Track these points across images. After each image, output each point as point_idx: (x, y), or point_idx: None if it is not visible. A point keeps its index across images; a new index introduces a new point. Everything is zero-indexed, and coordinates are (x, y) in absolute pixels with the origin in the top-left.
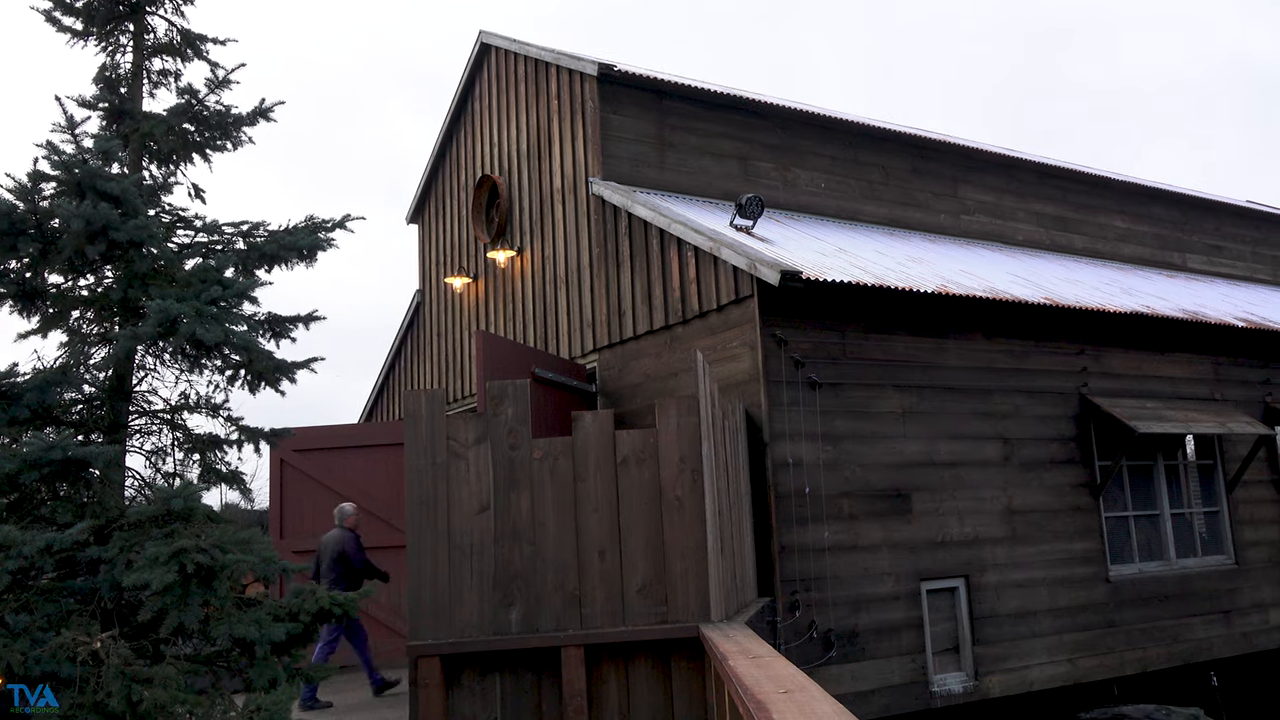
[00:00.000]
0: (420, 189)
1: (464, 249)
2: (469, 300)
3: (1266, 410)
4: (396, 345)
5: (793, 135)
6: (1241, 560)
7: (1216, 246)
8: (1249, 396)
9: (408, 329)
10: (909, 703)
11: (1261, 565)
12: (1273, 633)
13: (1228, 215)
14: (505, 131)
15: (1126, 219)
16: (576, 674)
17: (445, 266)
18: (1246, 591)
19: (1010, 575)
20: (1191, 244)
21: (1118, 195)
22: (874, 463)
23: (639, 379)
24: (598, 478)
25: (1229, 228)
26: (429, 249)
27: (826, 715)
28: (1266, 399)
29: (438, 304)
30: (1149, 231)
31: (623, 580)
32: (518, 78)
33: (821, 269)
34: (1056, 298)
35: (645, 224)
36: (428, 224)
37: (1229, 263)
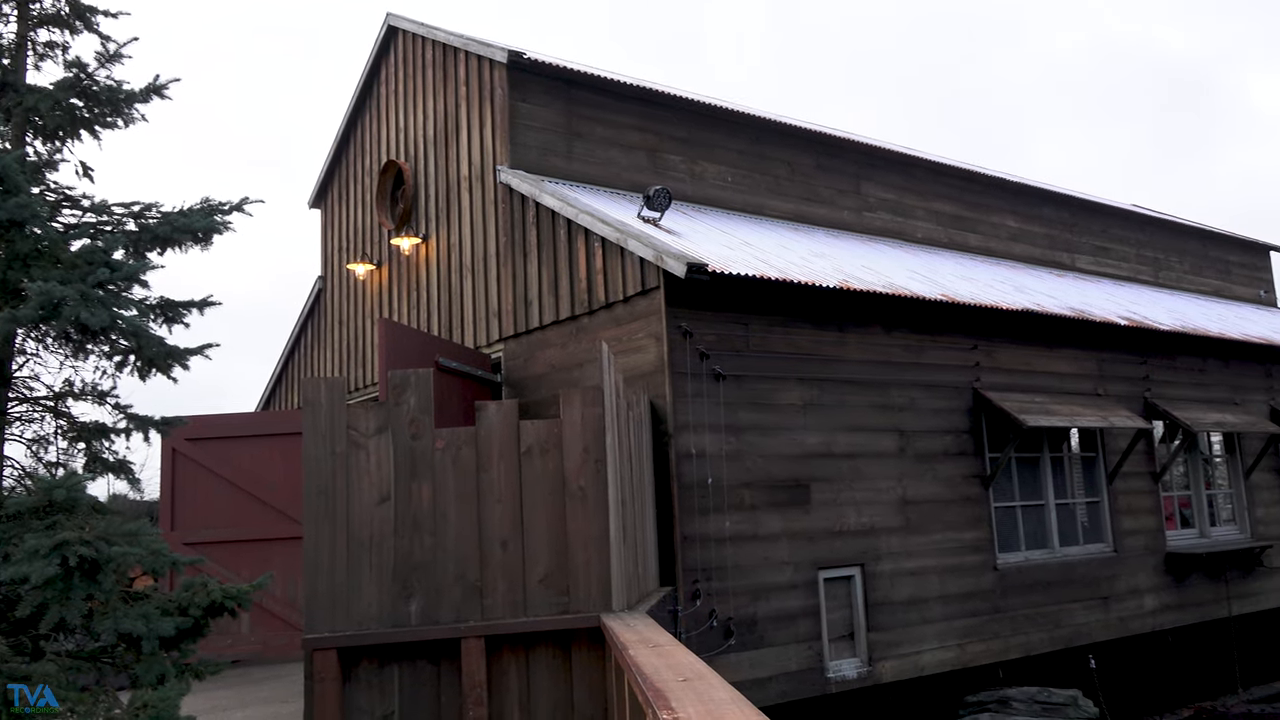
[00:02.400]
0: (323, 173)
1: (367, 235)
2: (372, 287)
3: (1146, 405)
4: (296, 332)
5: (701, 129)
6: (1120, 548)
7: (1103, 248)
8: (1130, 392)
9: (308, 316)
10: (805, 689)
11: (1138, 553)
12: (1146, 617)
13: (1114, 218)
14: (412, 117)
15: (1019, 219)
16: (477, 665)
17: (348, 252)
18: (1124, 578)
19: (904, 564)
20: (1080, 244)
21: (1011, 196)
22: (775, 454)
23: (544, 369)
24: (501, 468)
25: (1115, 230)
26: (331, 234)
27: (723, 702)
28: (1146, 394)
29: (339, 291)
30: (1040, 232)
31: (524, 571)
32: (425, 62)
33: (727, 262)
34: (952, 294)
35: (553, 214)
36: (330, 209)
37: (1114, 263)
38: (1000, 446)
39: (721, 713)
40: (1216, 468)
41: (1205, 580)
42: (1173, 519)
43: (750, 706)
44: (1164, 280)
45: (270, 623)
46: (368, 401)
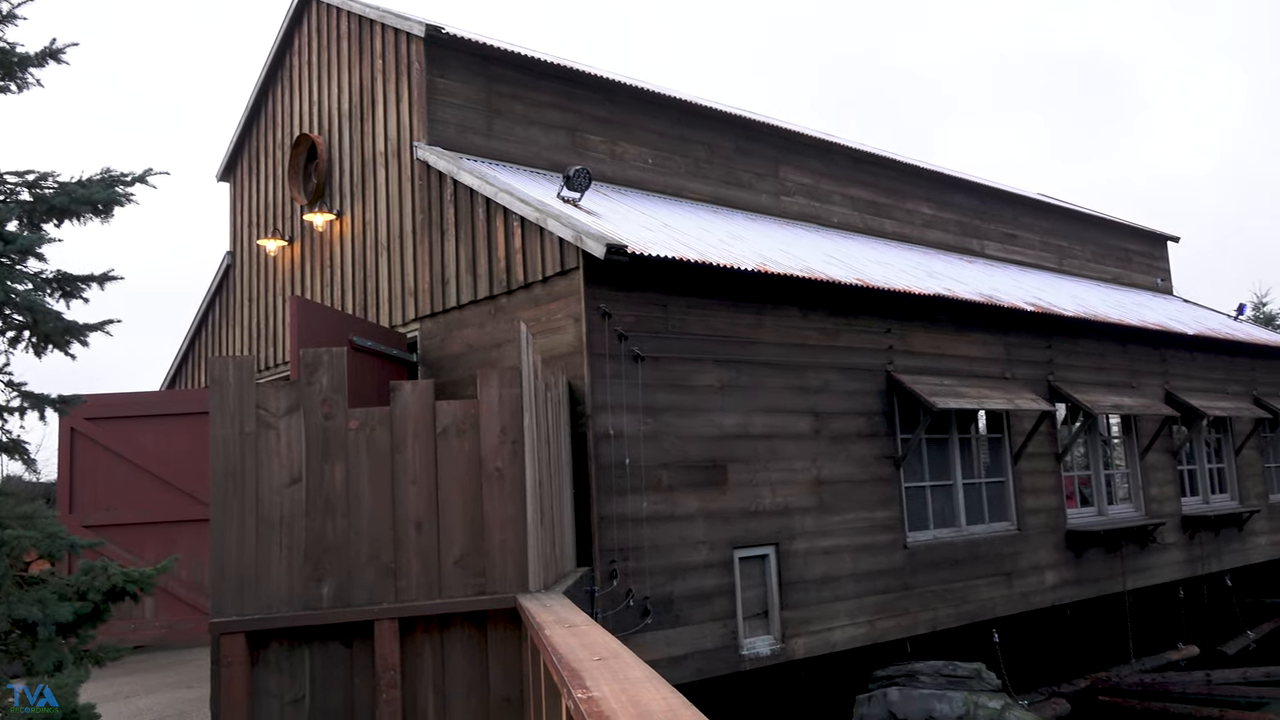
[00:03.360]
0: (232, 145)
1: (279, 210)
2: (283, 264)
3: (1049, 388)
4: (203, 309)
5: (622, 109)
6: (1023, 526)
7: (1011, 235)
8: (1035, 375)
9: (216, 292)
10: (720, 666)
11: (1040, 531)
12: (1047, 592)
13: (1022, 206)
14: (326, 89)
15: (932, 206)
16: (390, 648)
17: (258, 228)
18: (1026, 555)
19: (817, 543)
20: (989, 232)
21: (925, 183)
22: (693, 435)
23: (462, 349)
24: (416, 449)
25: (1023, 218)
26: (241, 209)
27: (637, 681)
28: (1049, 377)
29: (249, 267)
30: (952, 219)
31: (440, 552)
32: (340, 34)
33: (646, 244)
34: (867, 279)
35: (471, 192)
36: (240, 182)
37: (1021, 250)
38: (911, 428)
39: (636, 691)
40: (1114, 448)
41: (1102, 556)
42: (1073, 498)
43: (664, 684)
44: (1068, 267)
45: (176, 607)
46: (279, 381)
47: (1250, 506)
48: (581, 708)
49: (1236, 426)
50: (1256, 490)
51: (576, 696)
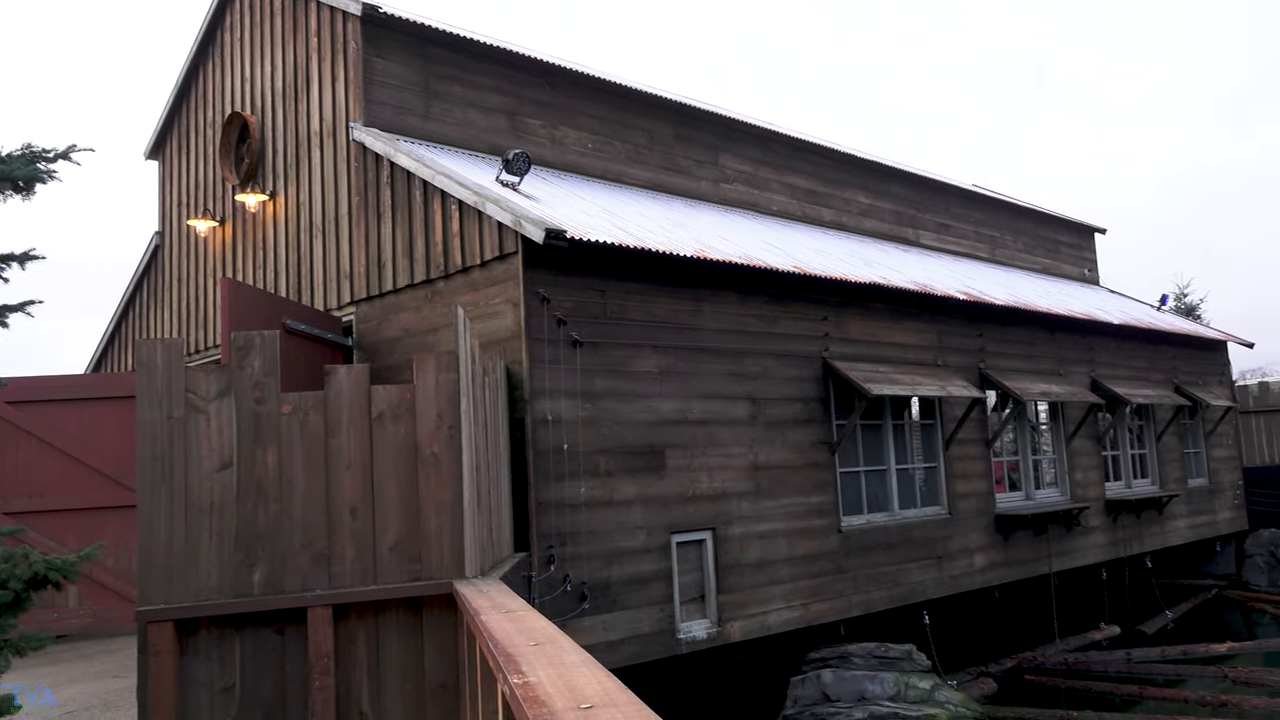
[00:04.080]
0: (161, 122)
1: (210, 190)
2: (214, 245)
3: (980, 375)
4: (131, 291)
5: (562, 93)
6: (954, 510)
7: (945, 225)
8: (966, 363)
9: (144, 273)
10: (657, 650)
11: (970, 515)
12: (976, 575)
13: (955, 197)
14: (259, 67)
15: (869, 195)
16: (324, 634)
17: (188, 208)
18: (956, 539)
19: (754, 527)
20: (924, 221)
21: (862, 173)
22: (631, 420)
23: (398, 333)
24: (351, 434)
25: (956, 208)
26: (170, 188)
27: (573, 665)
28: (981, 365)
29: (179, 247)
30: (888, 208)
31: (375, 538)
32: (273, 10)
33: (586, 229)
34: (805, 267)
35: (408, 174)
36: (169, 160)
37: (955, 240)
38: (846, 414)
39: (572, 675)
40: (1042, 434)
41: (1030, 539)
42: (1002, 483)
43: (600, 668)
44: (999, 257)
45: (101, 595)
46: (209, 364)
47: (1170, 491)
48: (517, 693)
49: (1158, 413)
50: (1176, 475)
51: (512, 682)
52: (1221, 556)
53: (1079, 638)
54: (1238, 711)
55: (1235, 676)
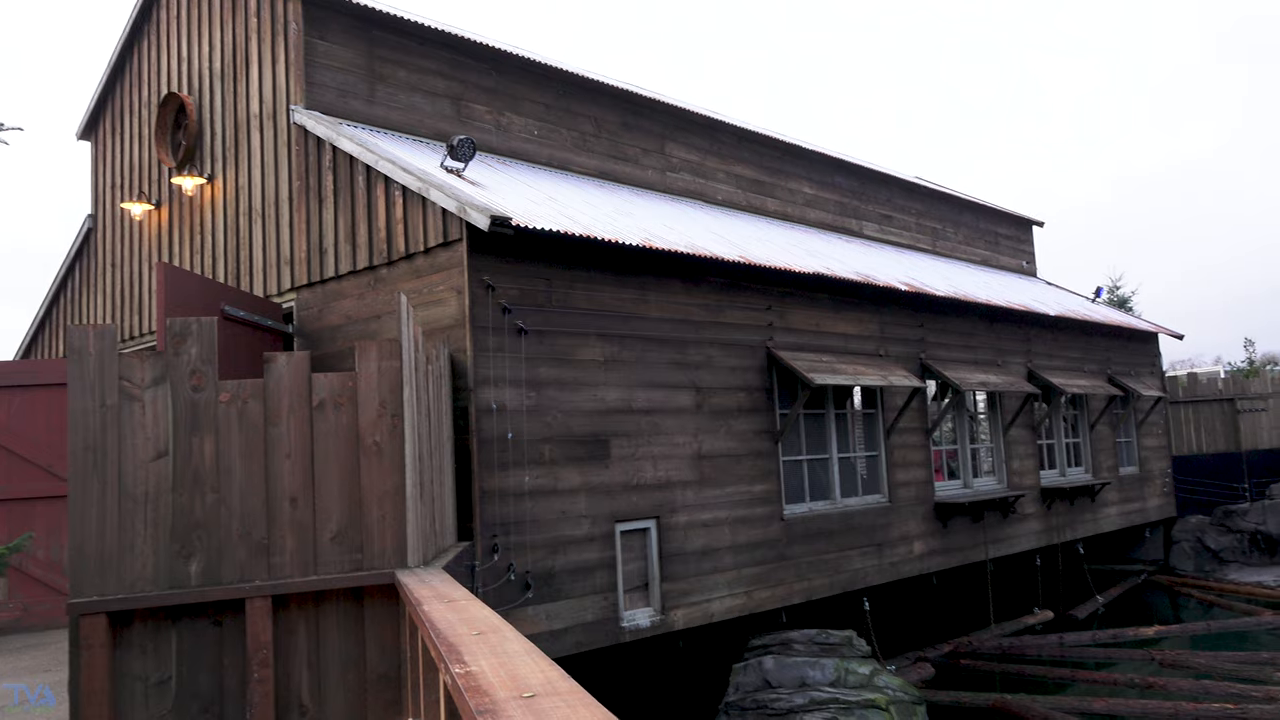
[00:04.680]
0: (94, 102)
1: (145, 172)
2: (150, 229)
3: (921, 365)
4: (63, 275)
5: (508, 79)
6: (894, 499)
7: (887, 216)
8: (907, 353)
9: (76, 257)
10: (600, 638)
11: (909, 503)
12: (915, 562)
13: (898, 188)
14: (196, 46)
15: (814, 186)
16: (262, 625)
17: (123, 190)
18: (896, 526)
19: (698, 516)
20: (867, 212)
21: (807, 163)
22: (576, 409)
23: (340, 320)
24: (291, 422)
25: (899, 200)
26: (103, 170)
27: (516, 654)
28: (921, 355)
29: (113, 231)
30: (832, 199)
31: (316, 528)
32: None
33: (532, 217)
34: (750, 256)
35: (351, 159)
36: (102, 141)
37: (897, 231)
38: (790, 403)
39: (514, 665)
40: (980, 423)
41: (967, 527)
42: (941, 471)
43: (543, 657)
44: (940, 249)
45: (32, 588)
46: (145, 351)
47: (1102, 479)
48: (459, 682)
49: (1092, 403)
50: (1108, 464)
51: (454, 671)
52: (1150, 542)
53: (1014, 623)
54: (1164, 693)
55: (1162, 659)
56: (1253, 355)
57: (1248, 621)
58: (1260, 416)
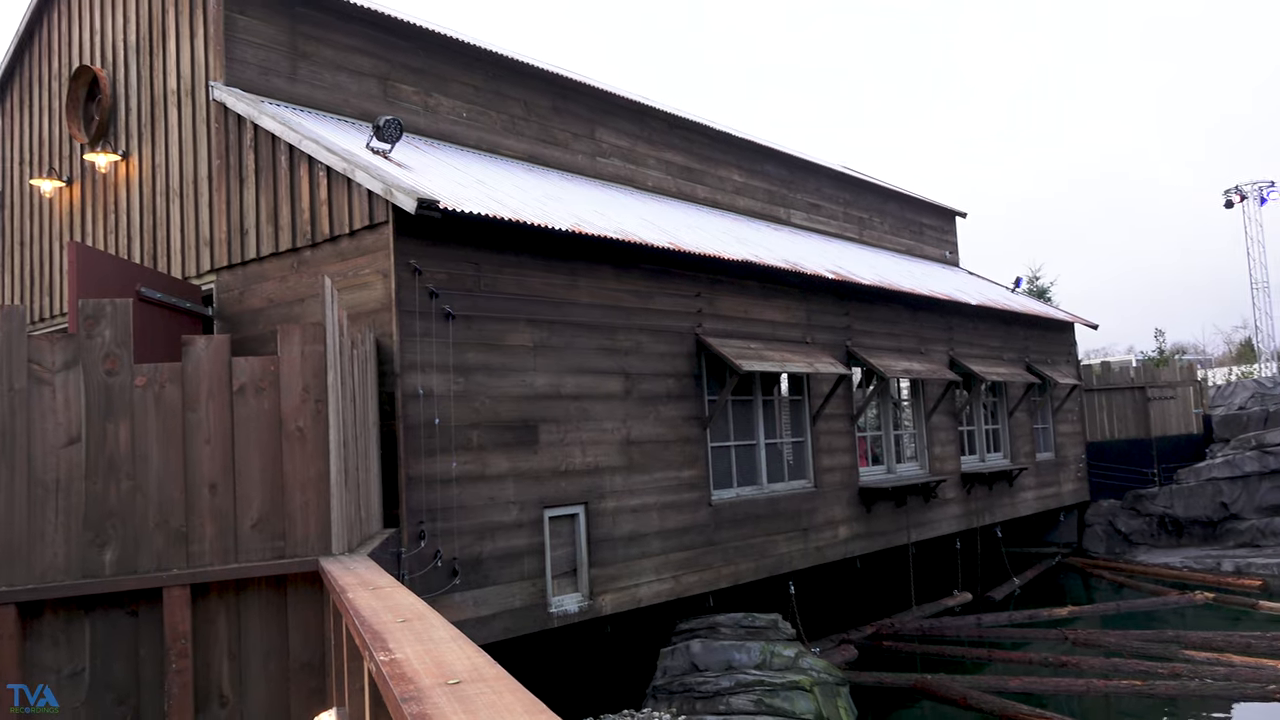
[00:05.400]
0: (0, 72)
1: (56, 148)
2: (60, 206)
3: (847, 353)
4: None
5: (436, 60)
6: (819, 484)
7: (815, 205)
8: (833, 340)
9: None
10: (528, 624)
11: (835, 488)
12: (840, 546)
13: (826, 177)
14: (110, 18)
15: (743, 174)
16: (180, 615)
17: (31, 166)
18: (822, 511)
19: (626, 501)
20: (795, 201)
21: (736, 151)
22: (504, 395)
23: (262, 303)
24: (210, 407)
25: (827, 189)
26: (10, 145)
27: (442, 641)
28: (847, 343)
29: (20, 208)
30: (761, 187)
31: (236, 515)
32: None
33: (459, 200)
34: (680, 243)
35: (273, 138)
36: (9, 115)
37: (824, 220)
38: (718, 389)
39: (440, 651)
40: (903, 410)
41: (891, 511)
42: (865, 457)
43: (470, 644)
44: (867, 238)
45: None
46: (55, 333)
47: (1020, 464)
48: (383, 670)
49: (1010, 390)
50: (1025, 449)
51: (379, 659)
52: (1064, 526)
53: (934, 604)
54: (1077, 671)
55: (1075, 638)
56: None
57: (1154, 601)
58: (1169, 404)
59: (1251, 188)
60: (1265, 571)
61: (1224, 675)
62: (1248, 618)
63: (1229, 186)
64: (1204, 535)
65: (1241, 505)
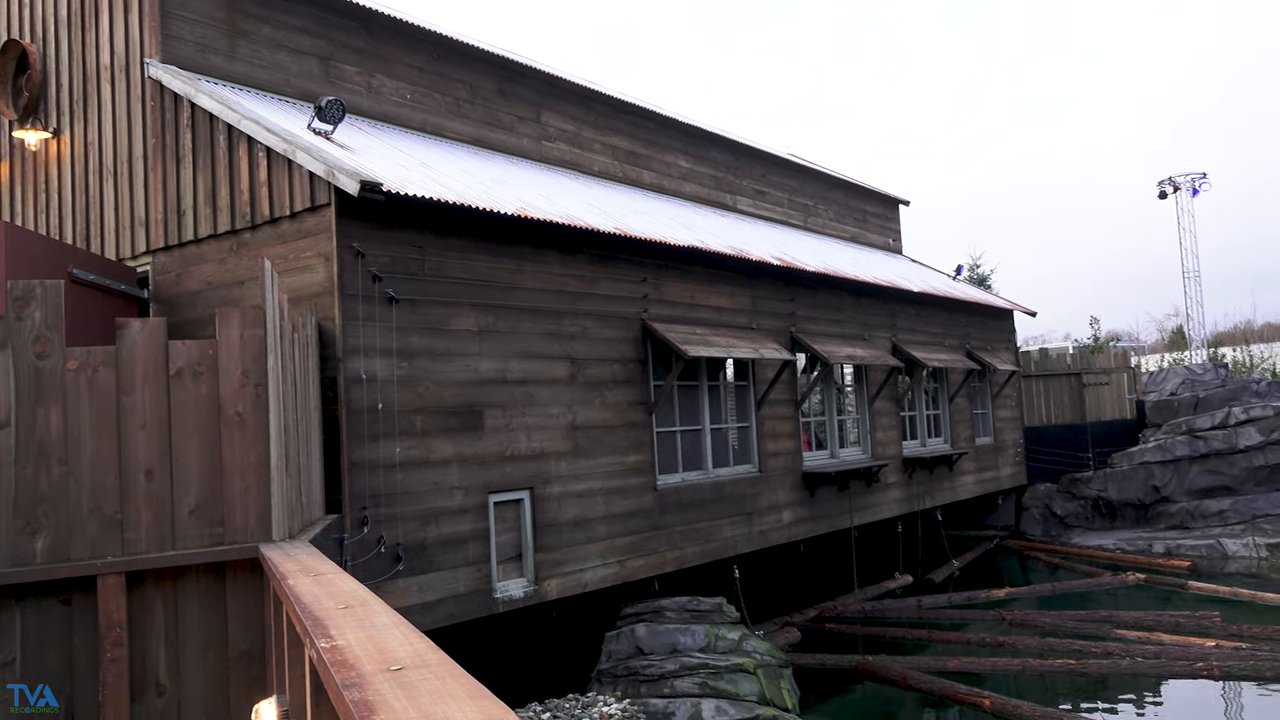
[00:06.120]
0: None
1: None
2: None
3: (791, 338)
4: None
5: (379, 40)
6: (764, 469)
7: (761, 191)
8: (778, 326)
9: None
10: (473, 609)
11: (779, 473)
12: (784, 530)
13: (772, 164)
14: None
15: (689, 159)
16: (116, 603)
17: None
18: (766, 495)
19: (572, 486)
20: (741, 187)
21: (683, 136)
22: (449, 380)
23: (200, 286)
24: (146, 391)
25: (773, 175)
26: None
27: (384, 627)
28: (792, 329)
29: None
30: (707, 173)
31: (173, 501)
32: None
33: (403, 183)
34: (626, 228)
35: (211, 117)
36: None
37: (770, 207)
38: (664, 375)
39: (383, 638)
40: (847, 396)
41: (834, 495)
42: (809, 442)
43: (412, 629)
44: (812, 225)
45: None
46: None
47: (960, 449)
48: (324, 657)
49: (951, 376)
50: (965, 434)
51: (320, 646)
52: (1003, 509)
53: (876, 587)
54: (1013, 651)
55: (1012, 619)
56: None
57: (1088, 582)
58: (1104, 390)
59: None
60: (1194, 553)
61: (1154, 654)
62: (1177, 597)
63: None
64: (1136, 518)
65: (1172, 489)
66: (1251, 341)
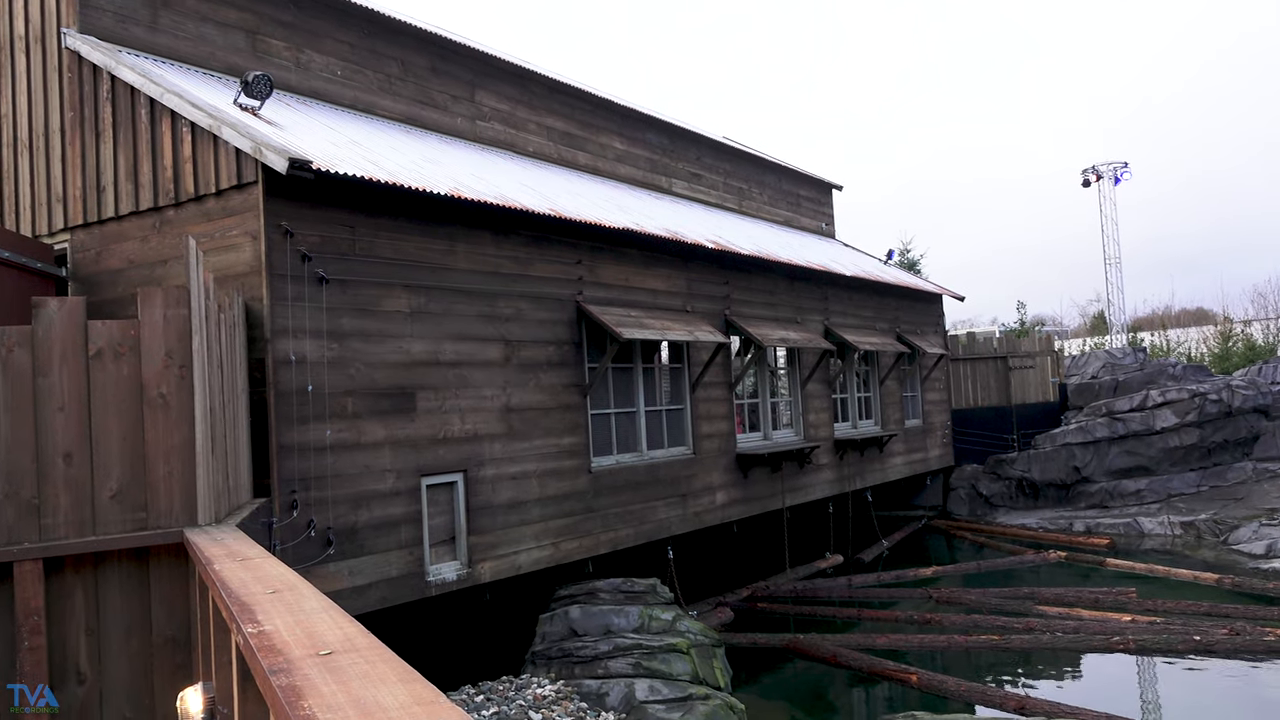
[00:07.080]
0: None
1: None
2: None
3: (726, 321)
4: None
5: (307, 14)
6: (698, 450)
7: (696, 174)
8: (713, 309)
9: None
10: (406, 593)
11: (713, 455)
12: (717, 511)
13: (707, 147)
14: None
15: (625, 141)
16: (33, 590)
17: None
18: (700, 477)
19: (506, 469)
20: (676, 170)
21: (618, 118)
22: (380, 361)
23: (121, 264)
24: (64, 372)
25: (708, 159)
26: None
27: (313, 612)
28: (726, 312)
29: None
30: (643, 155)
31: (94, 486)
32: None
33: (333, 161)
34: (560, 209)
35: (133, 90)
36: None
37: (705, 190)
38: (599, 357)
39: (311, 622)
40: (780, 378)
41: (767, 477)
42: (742, 424)
43: (342, 614)
44: (746, 209)
45: None
46: None
47: (890, 431)
48: (251, 642)
49: (882, 360)
50: (895, 417)
51: (247, 631)
52: (931, 490)
53: (807, 567)
54: (940, 628)
55: (939, 597)
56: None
57: (1012, 560)
58: (1029, 373)
59: (1107, 168)
60: (1112, 530)
61: (1073, 629)
62: (1096, 574)
63: (1086, 166)
64: (1058, 497)
65: (1092, 469)
66: (1169, 326)
